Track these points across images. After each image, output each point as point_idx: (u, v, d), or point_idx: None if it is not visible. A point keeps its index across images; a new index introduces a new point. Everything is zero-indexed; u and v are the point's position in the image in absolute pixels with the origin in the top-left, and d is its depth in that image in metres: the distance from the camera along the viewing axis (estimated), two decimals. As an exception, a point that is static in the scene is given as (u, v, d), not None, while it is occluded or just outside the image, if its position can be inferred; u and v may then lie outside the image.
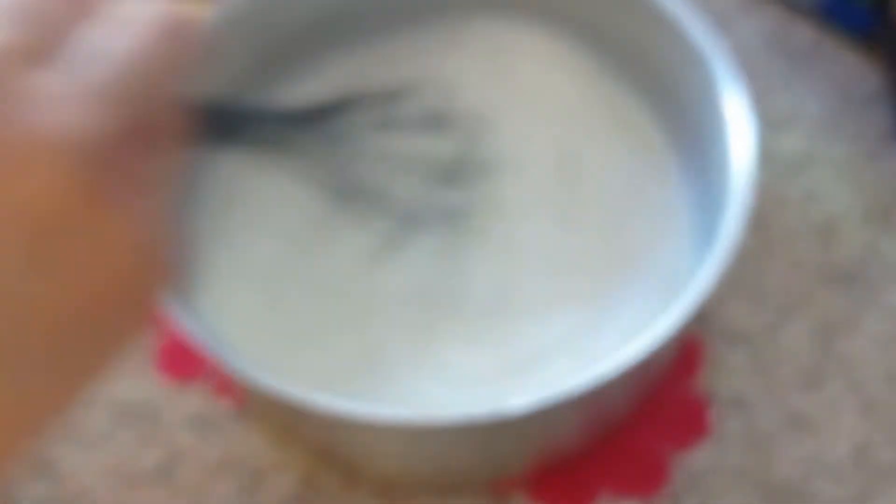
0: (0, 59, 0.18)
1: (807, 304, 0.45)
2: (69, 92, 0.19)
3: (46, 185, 0.18)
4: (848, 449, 0.41)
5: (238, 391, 0.43)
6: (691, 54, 0.40)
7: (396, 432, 0.34)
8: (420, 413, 0.32)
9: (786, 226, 0.47)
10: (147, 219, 0.20)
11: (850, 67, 0.51)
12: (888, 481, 0.41)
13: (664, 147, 0.45)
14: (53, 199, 0.18)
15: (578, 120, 0.46)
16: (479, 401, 0.37)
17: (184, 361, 0.44)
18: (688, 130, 0.43)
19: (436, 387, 0.39)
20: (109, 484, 0.42)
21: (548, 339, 0.41)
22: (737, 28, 0.53)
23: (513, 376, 0.40)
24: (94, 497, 0.42)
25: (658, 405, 0.42)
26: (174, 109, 0.22)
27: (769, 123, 0.49)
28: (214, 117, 0.24)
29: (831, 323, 0.44)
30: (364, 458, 0.40)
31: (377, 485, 0.41)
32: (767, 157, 0.48)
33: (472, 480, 0.41)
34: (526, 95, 0.47)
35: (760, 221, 0.46)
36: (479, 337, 0.41)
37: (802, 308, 0.45)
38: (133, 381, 0.44)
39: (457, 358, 0.40)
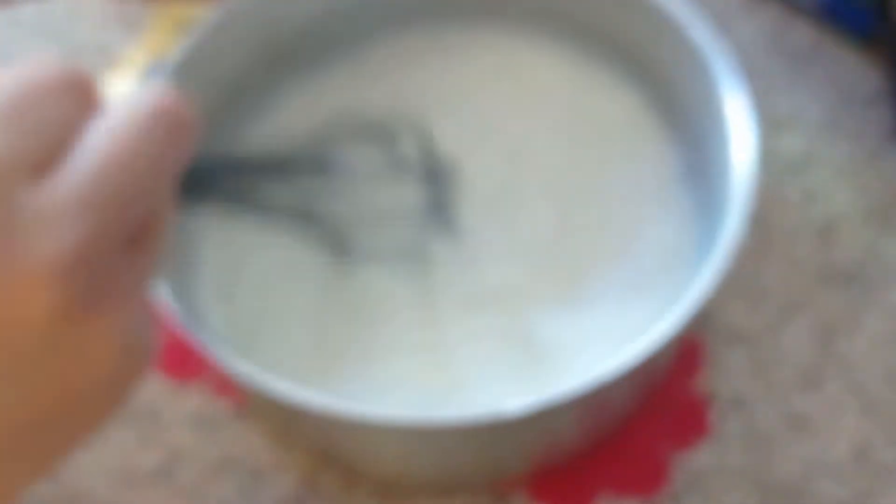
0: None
1: (807, 304, 0.45)
2: (56, 207, 0.19)
3: (29, 309, 0.18)
4: (848, 449, 0.41)
5: (238, 391, 0.43)
6: (692, 54, 0.40)
7: (396, 433, 0.34)
8: (419, 414, 0.32)
9: (786, 226, 0.47)
10: (131, 321, 0.20)
11: (851, 67, 0.52)
12: (888, 481, 0.41)
13: (665, 148, 0.45)
14: (35, 322, 0.18)
15: (579, 121, 0.46)
16: (478, 402, 0.37)
17: (184, 361, 0.44)
18: (689, 130, 0.43)
19: (437, 387, 0.39)
20: (109, 484, 0.42)
21: (548, 338, 0.41)
22: (737, 28, 0.53)
23: (514, 375, 0.40)
24: (93, 497, 0.42)
25: (658, 405, 0.42)
26: (167, 200, 0.22)
27: (769, 123, 0.49)
28: (189, 175, 0.24)
29: (831, 323, 0.44)
30: (364, 458, 0.40)
31: (377, 485, 0.41)
32: (767, 157, 0.48)
33: (472, 481, 0.41)
34: (526, 96, 0.47)
35: (760, 221, 0.46)
36: (481, 336, 0.41)
37: (802, 308, 0.45)
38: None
39: (458, 358, 0.40)
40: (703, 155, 0.41)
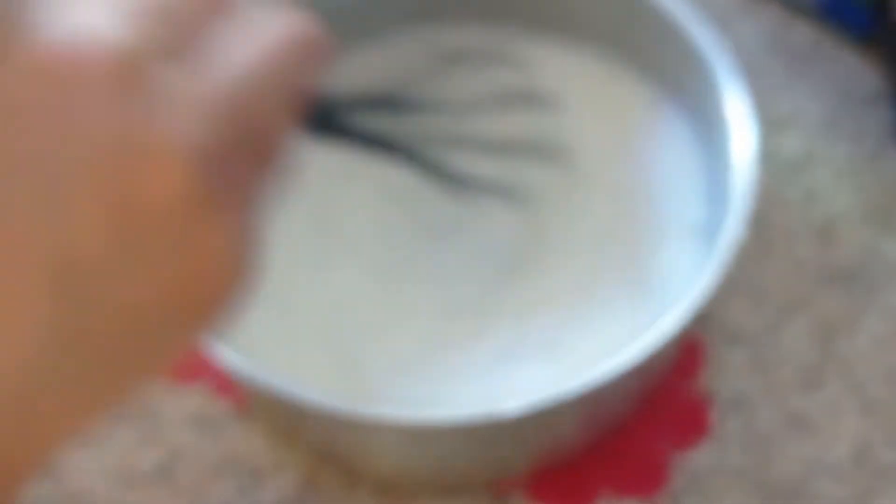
0: (135, 53, 0.18)
1: (807, 304, 0.45)
2: (196, 96, 0.19)
3: (157, 183, 0.18)
4: (848, 449, 0.42)
5: (239, 391, 0.43)
6: (693, 55, 0.40)
7: (396, 432, 0.34)
8: (420, 413, 0.32)
9: (786, 226, 0.47)
10: (242, 230, 0.20)
11: (850, 68, 0.52)
12: (888, 481, 0.41)
13: (675, 147, 0.45)
14: (160, 198, 0.18)
15: (578, 122, 0.46)
16: (480, 400, 0.37)
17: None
18: (692, 130, 0.44)
19: (445, 385, 0.40)
20: (109, 483, 0.42)
21: (549, 337, 0.41)
22: (737, 29, 0.53)
23: (514, 373, 0.40)
24: (93, 496, 0.42)
25: (658, 405, 0.43)
26: (291, 122, 0.22)
27: (770, 123, 0.50)
28: (312, 112, 0.24)
29: (831, 323, 0.45)
30: (364, 458, 0.40)
31: (376, 485, 0.41)
32: (768, 157, 0.49)
33: (472, 481, 0.41)
34: (526, 99, 0.47)
35: (761, 221, 0.47)
36: (482, 335, 0.41)
37: (802, 308, 0.45)
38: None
39: (466, 355, 0.41)
40: (705, 155, 0.42)
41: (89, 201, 0.18)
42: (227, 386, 0.43)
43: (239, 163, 0.20)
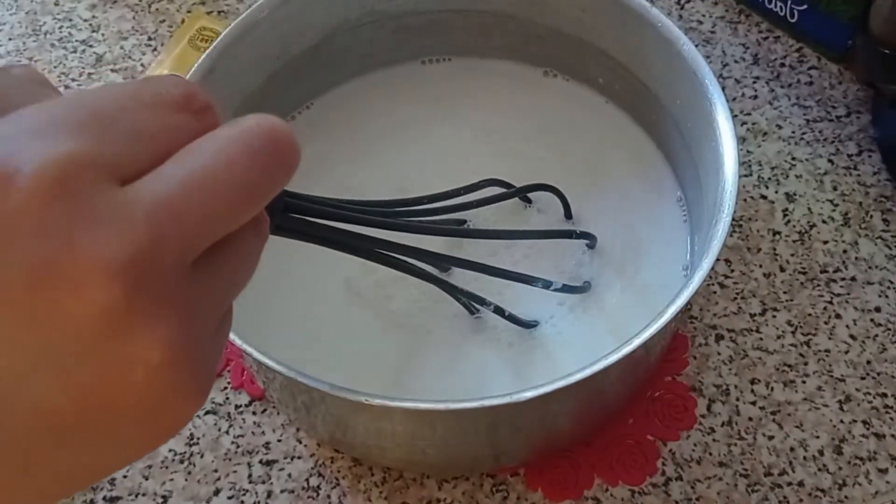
0: (72, 171, 0.17)
1: (788, 302, 0.46)
2: (134, 210, 0.18)
3: (74, 300, 0.17)
4: (827, 440, 0.43)
5: (254, 384, 0.45)
6: (681, 68, 0.41)
7: (402, 417, 0.35)
8: (428, 400, 0.33)
9: (769, 229, 0.48)
10: (181, 338, 0.18)
11: (832, 78, 0.53)
12: (864, 470, 0.42)
13: (659, 159, 0.47)
14: (82, 317, 0.17)
15: (577, 139, 0.48)
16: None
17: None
18: (678, 142, 0.44)
19: (449, 382, 0.41)
20: (130, 470, 0.43)
21: (550, 336, 0.42)
22: (723, 43, 0.55)
23: (517, 372, 0.41)
24: (114, 483, 0.43)
25: (648, 398, 0.44)
26: (249, 232, 0.21)
27: (753, 133, 0.51)
28: (283, 207, 0.24)
29: (811, 320, 0.46)
30: (373, 445, 0.41)
31: (384, 473, 0.42)
32: (752, 164, 0.50)
33: (473, 470, 0.42)
34: (526, 114, 0.49)
35: (745, 225, 0.48)
36: (486, 337, 0.42)
37: (784, 306, 0.46)
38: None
39: (466, 352, 0.42)
40: (693, 164, 0.43)
41: (8, 316, 0.17)
42: (244, 379, 0.45)
43: (182, 270, 0.19)
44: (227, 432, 0.44)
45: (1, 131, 0.18)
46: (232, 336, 0.34)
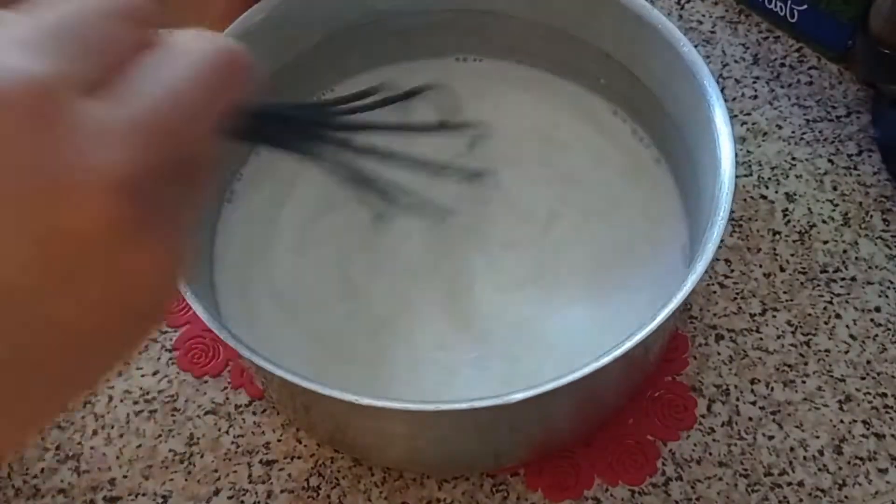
0: (52, 88, 0.18)
1: (788, 302, 0.46)
2: (117, 124, 0.19)
3: (80, 216, 0.18)
4: (827, 440, 0.43)
5: (254, 385, 0.45)
6: (681, 68, 0.41)
7: (404, 418, 0.35)
8: (426, 401, 0.33)
9: (769, 229, 0.48)
10: (172, 247, 0.20)
11: (832, 78, 0.53)
12: (864, 470, 0.42)
13: (658, 161, 0.47)
14: (83, 226, 0.18)
15: (575, 139, 0.48)
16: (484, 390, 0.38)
17: (204, 360, 0.46)
18: (678, 141, 0.44)
19: (444, 377, 0.41)
20: (130, 471, 0.43)
21: (552, 336, 0.42)
22: (724, 43, 0.55)
23: (518, 369, 0.41)
24: (114, 484, 0.43)
25: (648, 398, 0.44)
26: (216, 142, 0.22)
27: (753, 133, 0.51)
28: (244, 119, 0.24)
29: (811, 321, 0.46)
30: (372, 445, 0.41)
31: (383, 473, 0.42)
32: (752, 164, 0.50)
33: (473, 469, 0.42)
34: (525, 113, 0.49)
35: (745, 224, 0.48)
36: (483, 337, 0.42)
37: (784, 306, 0.46)
38: (156, 376, 0.45)
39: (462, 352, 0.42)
40: (693, 165, 0.43)
41: (12, 232, 0.18)
42: (243, 379, 0.45)
43: (165, 184, 0.20)
44: (227, 432, 0.44)
45: None
46: (230, 338, 0.34)
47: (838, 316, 0.46)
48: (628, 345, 0.33)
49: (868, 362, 0.45)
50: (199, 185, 0.22)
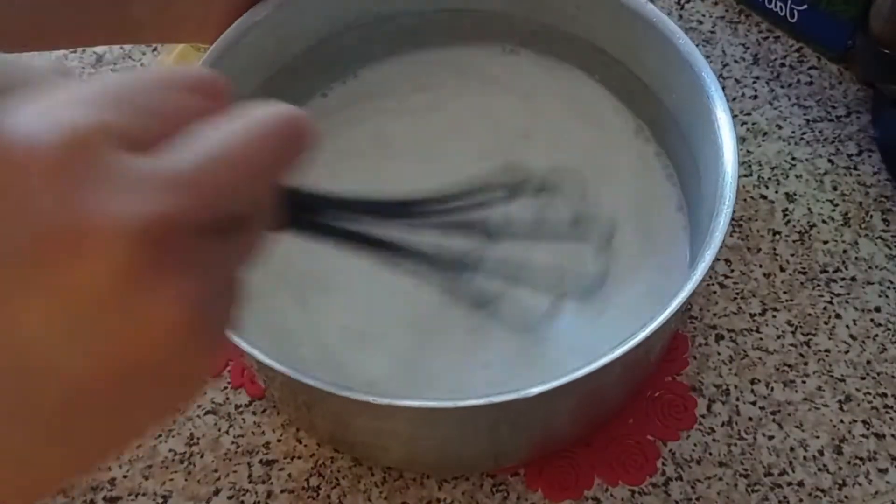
0: (90, 137, 0.18)
1: (788, 302, 0.46)
2: (156, 175, 0.19)
3: (93, 261, 0.18)
4: (827, 440, 0.43)
5: (255, 384, 0.45)
6: (682, 68, 0.41)
7: (405, 416, 0.35)
8: (427, 399, 0.33)
9: (769, 229, 0.48)
10: (195, 303, 0.19)
11: (832, 78, 0.53)
12: (864, 470, 0.42)
13: (658, 157, 0.47)
14: (97, 275, 0.18)
15: (579, 142, 0.47)
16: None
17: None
18: (677, 137, 0.45)
19: (457, 379, 0.41)
20: (130, 471, 0.43)
21: (554, 334, 0.42)
22: (724, 43, 0.55)
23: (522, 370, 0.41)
24: (115, 483, 0.43)
25: (648, 398, 0.44)
26: (266, 204, 0.22)
27: (754, 132, 0.51)
28: (295, 203, 0.24)
29: (811, 321, 0.46)
30: (373, 445, 0.41)
31: (384, 472, 0.42)
32: (752, 164, 0.50)
33: (473, 469, 0.42)
34: (524, 112, 0.48)
35: (745, 224, 0.48)
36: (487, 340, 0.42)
37: (784, 307, 0.46)
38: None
39: (470, 354, 0.42)
40: (694, 165, 0.43)
41: (27, 284, 0.18)
42: (244, 379, 0.45)
43: (202, 238, 0.19)
44: (227, 432, 0.44)
45: (26, 110, 0.19)
46: (232, 335, 0.34)
47: (838, 316, 0.46)
48: (629, 345, 0.33)
49: (868, 362, 0.45)
50: (244, 245, 0.21)
